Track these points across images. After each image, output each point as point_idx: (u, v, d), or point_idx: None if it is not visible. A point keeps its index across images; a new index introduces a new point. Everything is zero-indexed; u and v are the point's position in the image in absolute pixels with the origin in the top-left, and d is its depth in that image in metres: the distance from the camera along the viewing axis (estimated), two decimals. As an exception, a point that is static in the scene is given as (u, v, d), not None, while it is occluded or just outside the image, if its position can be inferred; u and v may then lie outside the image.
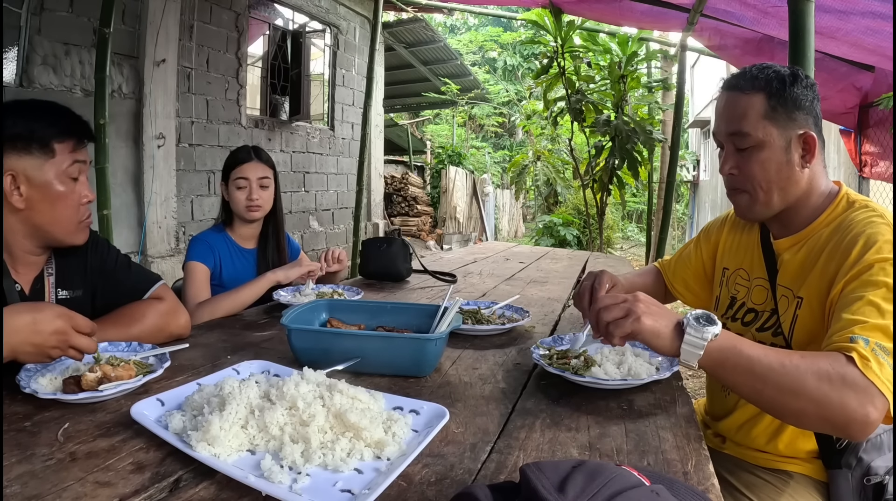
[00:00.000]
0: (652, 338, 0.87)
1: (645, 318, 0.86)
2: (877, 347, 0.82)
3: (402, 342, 1.10)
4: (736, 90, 1.09)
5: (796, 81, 1.05)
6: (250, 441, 0.77)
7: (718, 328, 0.85)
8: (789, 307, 1.09)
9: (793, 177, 1.07)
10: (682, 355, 0.86)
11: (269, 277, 1.69)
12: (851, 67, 3.67)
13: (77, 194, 1.15)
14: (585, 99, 5.32)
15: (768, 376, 0.82)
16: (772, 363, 0.83)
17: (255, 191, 1.81)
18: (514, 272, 2.54)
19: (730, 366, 0.85)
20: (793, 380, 0.81)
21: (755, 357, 0.84)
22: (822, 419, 0.81)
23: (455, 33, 21.63)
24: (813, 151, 1.06)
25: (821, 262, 1.04)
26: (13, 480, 0.68)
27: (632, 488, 0.51)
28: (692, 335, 0.85)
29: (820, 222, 1.09)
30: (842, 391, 0.79)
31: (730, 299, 1.25)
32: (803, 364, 0.82)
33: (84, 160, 1.16)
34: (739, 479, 1.14)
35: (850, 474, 1.05)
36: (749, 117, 1.06)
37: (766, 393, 0.84)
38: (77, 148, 1.14)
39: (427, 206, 11.76)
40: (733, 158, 1.10)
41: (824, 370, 0.81)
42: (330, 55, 6.89)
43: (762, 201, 1.09)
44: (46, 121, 1.10)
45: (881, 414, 0.79)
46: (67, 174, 1.12)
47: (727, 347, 0.85)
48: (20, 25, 3.53)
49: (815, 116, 1.07)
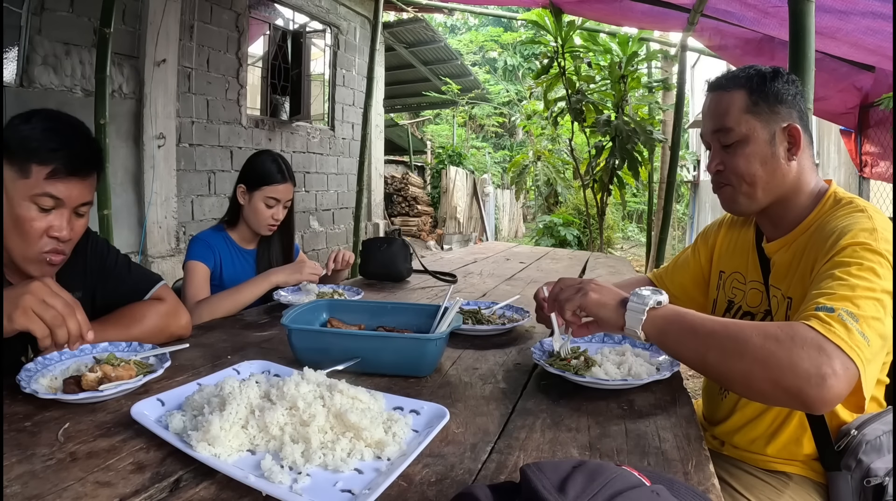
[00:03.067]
0: (598, 309, 0.94)
1: (592, 293, 0.95)
2: (844, 312, 0.79)
3: (402, 342, 1.10)
4: (718, 90, 1.11)
5: (777, 77, 1.07)
6: (250, 441, 0.77)
7: (663, 297, 0.88)
8: (780, 308, 1.10)
9: (779, 170, 1.07)
10: (626, 322, 0.89)
11: (270, 278, 1.68)
12: (852, 68, 3.66)
13: (42, 224, 1.03)
14: (586, 99, 5.32)
15: (710, 339, 0.82)
16: (715, 325, 0.83)
17: (280, 212, 1.83)
18: (515, 272, 2.54)
19: (673, 332, 0.86)
20: (735, 341, 0.79)
21: (698, 322, 0.85)
22: (772, 382, 0.75)
23: (455, 33, 21.62)
24: (799, 143, 1.06)
25: (803, 261, 1.05)
26: (13, 480, 0.68)
27: (632, 488, 0.51)
28: (634, 301, 0.89)
29: (807, 222, 1.09)
30: (791, 349, 0.75)
31: (727, 302, 1.25)
32: (749, 326, 0.80)
33: (61, 198, 1.02)
34: (738, 480, 1.14)
35: (849, 476, 1.04)
36: (731, 113, 1.08)
37: (710, 357, 0.81)
38: (56, 178, 1.01)
39: (427, 206, 11.76)
40: (719, 155, 1.12)
41: (772, 331, 0.78)
42: (330, 55, 6.89)
43: (746, 192, 1.10)
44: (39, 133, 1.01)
45: (844, 380, 0.73)
46: (35, 202, 1.01)
47: (669, 314, 0.87)
48: (20, 25, 3.53)
49: (799, 111, 1.08)
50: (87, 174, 1.07)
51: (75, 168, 1.04)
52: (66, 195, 1.04)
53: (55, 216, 1.05)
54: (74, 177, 1.04)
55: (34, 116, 1.04)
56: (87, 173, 1.07)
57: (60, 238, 1.06)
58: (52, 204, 1.03)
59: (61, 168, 1.02)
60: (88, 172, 1.07)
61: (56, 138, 1.03)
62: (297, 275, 1.70)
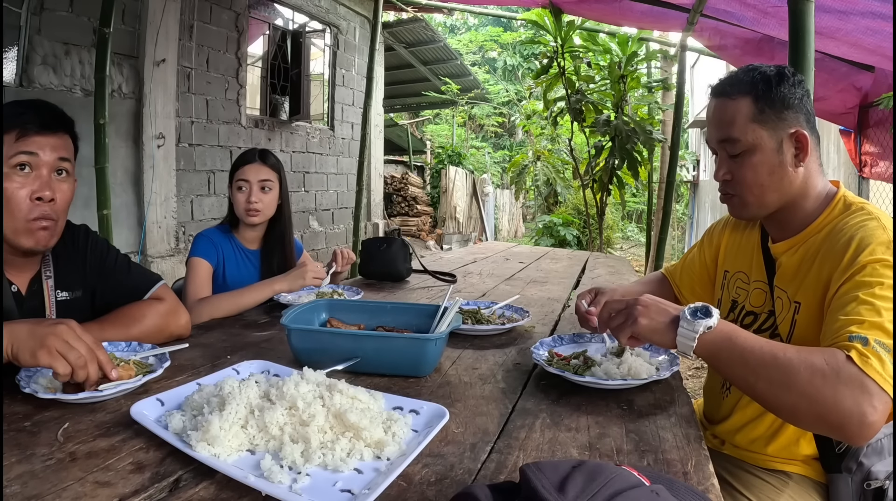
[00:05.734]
0: (651, 335, 0.92)
1: (641, 319, 0.92)
2: (876, 344, 0.81)
3: (401, 342, 1.10)
4: (723, 96, 1.09)
5: (783, 80, 1.05)
6: (250, 440, 0.77)
7: (713, 320, 0.87)
8: (785, 310, 1.09)
9: (786, 177, 1.06)
10: (678, 346, 0.90)
11: (273, 286, 1.67)
12: (851, 67, 3.67)
13: (25, 189, 1.05)
14: (585, 99, 5.32)
15: (760, 369, 0.82)
16: (765, 356, 0.83)
17: (255, 194, 1.79)
18: (514, 272, 2.54)
19: (724, 357, 0.87)
20: (784, 374, 0.80)
21: (748, 349, 0.84)
22: (816, 416, 0.79)
23: (455, 33, 21.62)
24: (806, 149, 1.05)
25: (815, 266, 1.03)
26: (13, 480, 0.68)
27: (632, 488, 0.51)
28: (685, 327, 0.88)
29: (816, 225, 1.08)
30: (836, 387, 0.77)
31: (731, 302, 1.25)
32: (797, 358, 0.81)
33: (34, 152, 1.06)
34: (738, 479, 1.14)
35: (850, 478, 1.04)
36: (737, 122, 1.06)
37: (759, 387, 0.84)
38: (25, 136, 1.05)
39: (427, 206, 11.76)
40: (726, 164, 1.10)
41: (818, 364, 0.80)
42: (330, 55, 6.89)
43: (754, 202, 1.09)
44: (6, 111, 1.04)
45: (882, 416, 0.76)
46: (12, 166, 1.04)
47: (720, 339, 0.87)
48: (20, 25, 3.53)
49: (805, 114, 1.06)
50: (55, 130, 1.10)
51: (43, 124, 1.08)
52: (39, 148, 1.07)
53: (34, 178, 1.07)
54: (43, 132, 1.08)
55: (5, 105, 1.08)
56: (55, 130, 1.10)
57: (44, 198, 1.07)
58: (27, 159, 1.06)
59: (30, 126, 1.06)
60: (56, 129, 1.11)
61: (20, 105, 1.08)
62: (300, 281, 1.70)
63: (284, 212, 1.90)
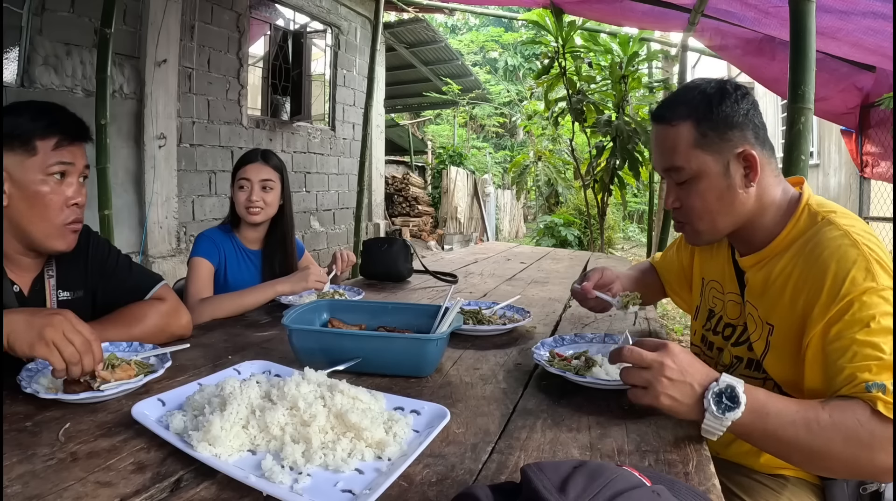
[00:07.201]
0: (673, 414, 0.84)
1: (663, 398, 0.82)
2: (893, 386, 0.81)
3: (402, 342, 1.10)
4: (663, 122, 1.04)
5: (724, 98, 0.99)
6: (251, 441, 0.77)
7: (740, 411, 0.80)
8: (759, 329, 1.06)
9: (737, 200, 1.01)
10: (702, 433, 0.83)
11: (276, 288, 1.67)
12: (852, 68, 3.67)
13: (61, 196, 1.11)
14: (586, 99, 5.32)
15: (794, 443, 0.80)
16: (798, 430, 0.80)
17: (256, 193, 1.79)
18: (515, 273, 2.54)
19: (756, 439, 0.83)
20: (821, 446, 0.79)
21: (780, 427, 0.81)
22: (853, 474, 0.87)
23: (456, 34, 21.62)
24: (755, 168, 0.99)
25: (788, 292, 0.98)
26: (14, 480, 0.68)
27: (633, 488, 0.51)
28: (710, 420, 0.81)
29: (781, 238, 1.03)
30: (872, 450, 0.77)
31: (708, 311, 1.23)
32: (831, 426, 0.79)
33: (71, 162, 1.12)
34: (735, 483, 1.13)
35: (845, 483, 1.04)
36: (679, 150, 1.01)
37: (795, 458, 0.84)
38: (61, 146, 1.10)
39: (428, 206, 11.76)
40: (674, 192, 1.07)
41: (852, 428, 0.78)
42: (331, 55, 6.90)
43: (707, 230, 1.06)
44: (30, 117, 1.08)
45: None
46: (49, 174, 1.09)
47: (749, 422, 0.80)
48: (21, 26, 3.53)
49: (753, 128, 1.00)
50: (84, 140, 1.17)
51: (76, 134, 1.14)
52: (74, 158, 1.13)
53: (68, 185, 1.13)
54: (76, 142, 1.14)
55: (16, 107, 1.10)
56: (84, 139, 1.17)
57: (79, 204, 1.15)
58: (64, 169, 1.11)
59: (64, 137, 1.12)
60: (85, 139, 1.17)
61: (49, 114, 1.12)
62: (302, 284, 1.70)
63: (286, 212, 1.90)
